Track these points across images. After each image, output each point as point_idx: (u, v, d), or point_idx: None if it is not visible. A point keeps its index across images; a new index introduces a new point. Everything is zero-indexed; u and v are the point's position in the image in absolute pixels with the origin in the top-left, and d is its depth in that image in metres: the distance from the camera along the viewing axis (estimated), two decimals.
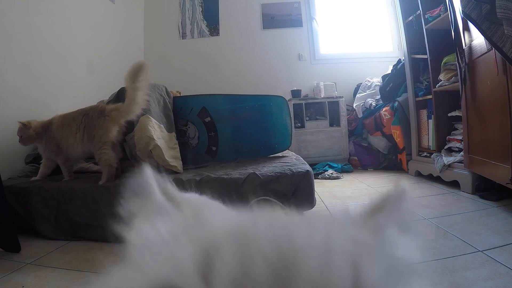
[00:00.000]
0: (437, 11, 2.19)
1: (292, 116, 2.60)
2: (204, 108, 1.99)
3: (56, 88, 2.29)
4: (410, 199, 0.20)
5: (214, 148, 2.03)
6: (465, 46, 1.82)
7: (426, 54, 2.36)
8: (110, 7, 3.06)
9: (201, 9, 3.73)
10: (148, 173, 0.21)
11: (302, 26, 3.69)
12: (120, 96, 1.74)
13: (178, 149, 1.82)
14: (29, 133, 1.66)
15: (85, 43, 2.66)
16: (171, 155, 1.72)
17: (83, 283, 1.03)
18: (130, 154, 1.74)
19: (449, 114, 2.22)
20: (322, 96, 3.32)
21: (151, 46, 3.71)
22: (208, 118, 1.99)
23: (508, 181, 1.47)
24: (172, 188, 0.21)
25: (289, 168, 1.56)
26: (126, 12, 3.37)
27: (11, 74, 1.94)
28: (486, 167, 1.71)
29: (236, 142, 2.04)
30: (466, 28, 1.79)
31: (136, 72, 1.51)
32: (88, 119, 1.61)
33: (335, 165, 2.95)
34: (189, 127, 2.02)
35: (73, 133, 1.62)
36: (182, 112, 2.00)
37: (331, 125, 3.23)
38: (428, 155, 2.40)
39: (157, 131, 1.71)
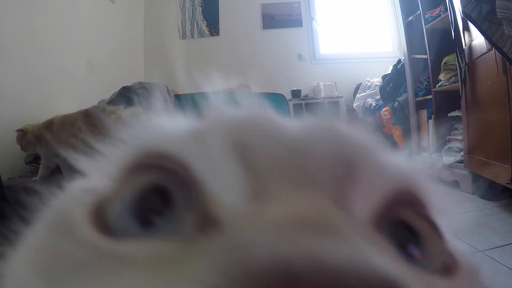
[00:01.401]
0: (437, 11, 2.19)
1: (292, 115, 2.60)
2: (205, 107, 1.99)
3: (56, 88, 2.29)
4: None
5: None
6: (465, 46, 1.82)
7: (426, 54, 2.36)
8: (110, 7, 3.06)
9: (201, 9, 3.73)
10: None
11: (302, 26, 3.69)
12: (121, 95, 1.74)
13: None
14: (27, 139, 1.65)
15: (85, 43, 2.66)
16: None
17: None
18: None
19: (449, 114, 2.22)
20: (322, 96, 3.32)
21: (151, 46, 3.71)
22: None
23: (508, 181, 1.47)
24: None
25: None
26: (126, 12, 3.37)
27: (11, 74, 1.94)
28: (486, 167, 1.71)
29: None
30: (466, 28, 1.79)
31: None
32: (89, 120, 1.61)
33: None
34: None
35: (74, 134, 1.62)
36: (183, 110, 2.00)
37: None
38: (428, 155, 2.40)
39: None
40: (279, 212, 0.11)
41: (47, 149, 1.67)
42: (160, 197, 0.12)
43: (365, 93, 3.27)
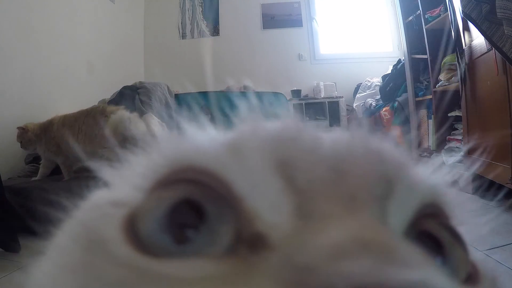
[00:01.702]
0: (437, 11, 2.19)
1: (292, 115, 2.60)
2: (205, 105, 1.99)
3: (56, 88, 2.29)
4: None
5: None
6: (465, 46, 1.82)
7: (426, 54, 2.36)
8: (110, 7, 3.06)
9: (201, 9, 3.73)
10: None
11: (302, 26, 3.69)
12: (122, 95, 1.74)
13: None
14: (28, 136, 1.66)
15: (85, 43, 2.66)
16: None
17: None
18: None
19: (449, 114, 2.22)
20: (322, 96, 3.32)
21: (151, 46, 3.71)
22: (209, 115, 2.00)
23: (508, 181, 1.47)
24: None
25: None
26: (126, 12, 3.37)
27: (11, 74, 1.94)
28: (486, 167, 1.71)
29: None
30: (466, 28, 1.79)
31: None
32: (89, 120, 1.61)
33: None
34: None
35: (75, 134, 1.62)
36: (183, 109, 2.00)
37: (331, 125, 3.23)
38: (428, 155, 2.40)
39: (159, 129, 1.72)
40: (333, 232, 0.10)
41: (46, 148, 1.67)
42: (194, 212, 0.12)
43: (365, 93, 3.27)
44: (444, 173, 0.16)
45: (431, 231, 0.14)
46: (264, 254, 0.11)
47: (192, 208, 0.12)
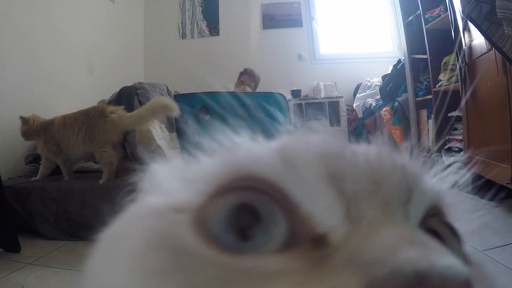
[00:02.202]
0: (437, 11, 2.19)
1: (291, 115, 2.60)
2: (204, 106, 1.99)
3: (56, 88, 2.29)
4: None
5: None
6: (465, 46, 1.82)
7: (426, 54, 2.36)
8: (110, 7, 3.06)
9: (201, 9, 3.73)
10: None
11: (302, 26, 3.69)
12: (121, 95, 1.74)
13: (179, 149, 1.82)
14: (23, 129, 1.65)
15: (85, 43, 2.66)
16: (173, 155, 1.73)
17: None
18: (130, 154, 1.74)
19: (449, 114, 2.22)
20: (322, 96, 3.32)
21: (151, 46, 3.71)
22: (208, 116, 1.99)
23: (508, 181, 1.47)
24: None
25: None
26: (126, 12, 3.37)
27: (11, 74, 1.94)
28: (486, 167, 1.71)
29: None
30: (466, 28, 1.79)
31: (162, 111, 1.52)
32: (89, 120, 1.61)
33: None
34: (189, 126, 2.01)
35: (75, 134, 1.62)
36: (182, 110, 2.00)
37: (331, 125, 3.23)
38: (428, 155, 2.40)
39: (158, 132, 1.71)
40: (383, 232, 0.13)
41: (46, 148, 1.67)
42: (249, 215, 0.14)
43: (365, 93, 3.27)
44: (446, 177, 0.19)
45: (434, 228, 0.17)
46: (328, 251, 0.13)
47: (248, 211, 0.14)
